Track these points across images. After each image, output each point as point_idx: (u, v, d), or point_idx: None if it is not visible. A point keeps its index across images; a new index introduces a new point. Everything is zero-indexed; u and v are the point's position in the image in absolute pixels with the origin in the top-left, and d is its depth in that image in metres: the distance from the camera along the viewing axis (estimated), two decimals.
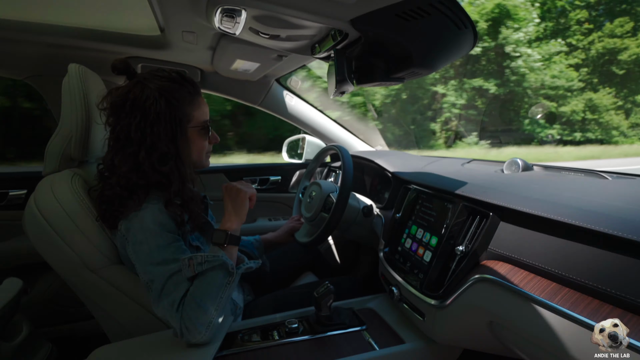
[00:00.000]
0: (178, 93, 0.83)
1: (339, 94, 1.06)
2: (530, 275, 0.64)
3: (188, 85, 0.86)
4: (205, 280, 0.75)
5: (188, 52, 1.36)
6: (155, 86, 0.81)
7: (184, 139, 0.84)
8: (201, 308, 0.73)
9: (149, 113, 0.79)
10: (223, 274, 0.78)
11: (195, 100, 0.87)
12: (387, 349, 0.84)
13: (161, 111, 0.80)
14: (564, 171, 1.00)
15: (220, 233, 0.84)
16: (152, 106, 0.79)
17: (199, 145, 0.89)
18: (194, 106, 0.86)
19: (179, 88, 0.83)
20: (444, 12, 0.77)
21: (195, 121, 0.87)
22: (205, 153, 0.93)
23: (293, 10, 0.81)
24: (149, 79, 0.82)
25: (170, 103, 0.81)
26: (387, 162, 1.38)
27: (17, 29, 1.13)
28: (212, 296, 0.75)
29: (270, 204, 2.00)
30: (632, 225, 0.52)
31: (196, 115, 0.87)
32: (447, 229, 0.84)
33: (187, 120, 0.85)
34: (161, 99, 0.80)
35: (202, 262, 0.75)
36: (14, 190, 1.49)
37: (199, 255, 0.76)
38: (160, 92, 0.80)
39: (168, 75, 0.84)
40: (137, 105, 0.79)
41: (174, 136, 0.82)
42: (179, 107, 0.82)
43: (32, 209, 0.83)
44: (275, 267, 1.31)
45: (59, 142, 0.89)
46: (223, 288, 0.77)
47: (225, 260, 0.78)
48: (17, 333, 1.06)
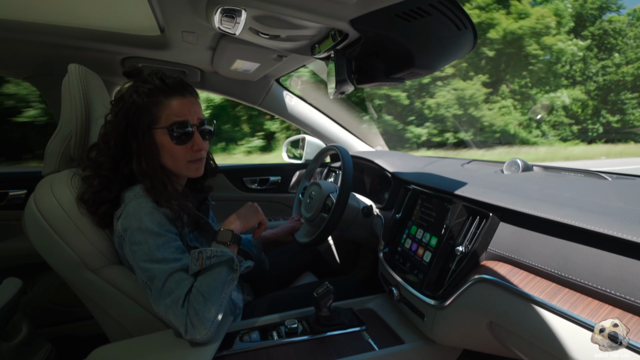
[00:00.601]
0: (146, 93, 0.82)
1: (339, 94, 1.06)
2: (530, 276, 0.64)
3: (160, 84, 0.83)
4: (211, 275, 0.77)
5: (188, 52, 1.36)
6: (132, 86, 0.84)
7: (149, 141, 0.83)
8: (208, 302, 0.74)
9: (120, 111, 0.82)
10: (227, 270, 0.79)
11: (164, 100, 0.82)
12: (386, 349, 0.84)
13: (128, 111, 0.82)
14: (563, 171, 1.00)
15: (227, 232, 0.86)
16: (122, 105, 0.82)
17: (170, 149, 0.84)
18: (161, 106, 0.82)
19: (148, 88, 0.82)
20: (444, 13, 0.77)
21: (162, 123, 0.83)
22: (187, 161, 0.87)
23: (293, 11, 0.81)
24: (136, 80, 0.85)
25: (135, 103, 0.82)
26: (387, 163, 1.38)
27: (17, 29, 1.13)
28: (218, 291, 0.77)
29: (270, 204, 2.00)
30: (632, 226, 0.52)
31: (164, 116, 0.83)
32: (447, 229, 0.84)
33: (151, 121, 0.83)
34: (130, 99, 0.82)
35: (211, 256, 0.78)
36: (14, 190, 1.49)
37: (209, 249, 0.78)
38: (131, 92, 0.82)
39: (147, 77, 0.85)
40: (115, 103, 0.84)
41: (135, 136, 0.83)
42: (144, 107, 0.82)
43: (32, 209, 0.83)
44: (275, 267, 1.31)
45: (58, 142, 0.89)
46: (227, 284, 0.79)
47: (232, 255, 0.81)
48: (16, 333, 1.06)
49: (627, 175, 0.87)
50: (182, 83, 0.86)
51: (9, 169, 1.60)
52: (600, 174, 0.91)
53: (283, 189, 2.03)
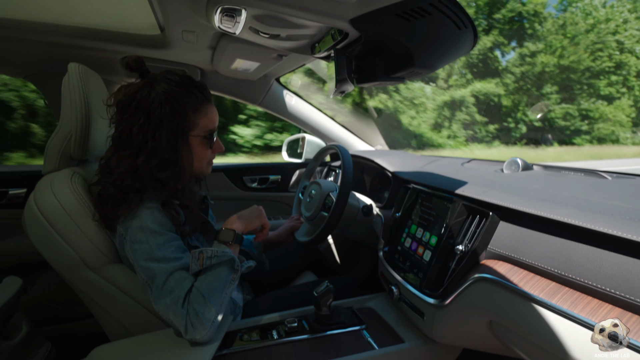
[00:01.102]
0: (184, 99, 0.81)
1: (339, 93, 1.06)
2: (529, 275, 0.65)
3: (196, 91, 0.83)
4: (211, 275, 0.77)
5: (188, 52, 1.36)
6: (163, 89, 0.79)
7: (185, 147, 0.83)
8: (208, 302, 0.74)
9: (152, 117, 0.78)
10: (228, 270, 0.79)
11: (203, 107, 0.85)
12: (386, 348, 0.84)
13: (165, 116, 0.79)
14: (563, 171, 1.00)
15: (229, 232, 0.85)
16: (157, 110, 0.78)
17: (200, 154, 0.88)
18: (199, 114, 0.84)
19: (186, 94, 0.81)
20: (444, 12, 0.77)
21: (200, 130, 0.85)
22: (207, 162, 0.92)
23: (293, 10, 0.81)
24: (158, 80, 0.81)
25: (174, 109, 0.80)
26: (387, 162, 1.38)
27: (17, 28, 1.13)
28: (218, 291, 0.76)
29: (270, 203, 2.00)
30: (632, 225, 0.52)
31: (201, 123, 0.85)
32: (447, 228, 0.84)
33: (190, 128, 0.83)
34: (167, 104, 0.79)
35: (212, 256, 0.77)
36: (14, 189, 1.49)
37: (209, 249, 0.78)
38: (167, 97, 0.79)
39: (178, 80, 0.82)
40: (142, 107, 0.79)
41: (175, 143, 0.81)
42: (183, 113, 0.81)
43: (32, 207, 0.83)
44: (275, 266, 1.31)
45: (58, 141, 0.89)
46: (228, 284, 0.78)
47: (233, 256, 0.80)
48: (16, 332, 1.06)
49: (627, 175, 0.88)
50: (208, 90, 0.88)
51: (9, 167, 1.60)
52: (600, 173, 0.91)
53: (283, 188, 2.03)
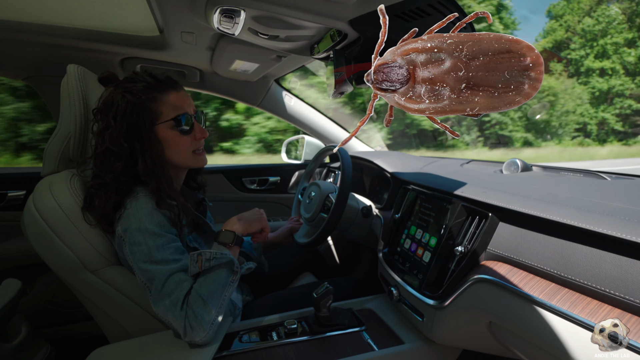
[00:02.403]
0: (140, 92, 0.82)
1: (338, 94, 1.06)
2: (529, 276, 0.65)
3: (153, 81, 0.84)
4: (210, 277, 0.76)
5: (187, 53, 1.36)
6: (121, 88, 0.82)
7: (154, 138, 0.83)
8: (207, 305, 0.74)
9: (115, 115, 0.80)
10: (227, 272, 0.79)
11: (162, 96, 0.84)
12: (386, 350, 0.84)
13: (125, 113, 0.80)
14: (562, 171, 1.00)
15: (229, 233, 0.85)
16: (116, 108, 0.80)
17: (175, 143, 0.86)
18: (160, 102, 0.83)
19: (142, 87, 0.82)
20: (443, 13, 0.77)
21: (165, 117, 0.84)
22: (192, 151, 0.89)
23: (292, 11, 0.81)
24: (121, 83, 0.83)
25: (130, 102, 0.80)
26: (386, 163, 1.38)
27: (16, 30, 1.13)
28: (217, 293, 0.76)
29: (269, 205, 1.99)
30: (631, 225, 0.52)
31: (165, 111, 0.84)
32: (446, 229, 0.84)
33: (155, 118, 0.83)
34: (123, 100, 0.80)
35: (211, 258, 0.77)
36: (13, 191, 1.49)
37: (208, 251, 0.77)
38: (123, 94, 0.81)
39: (135, 77, 0.84)
40: (105, 110, 0.81)
41: (141, 136, 0.81)
42: (142, 106, 0.81)
43: (31, 209, 0.83)
44: (275, 268, 1.31)
45: (57, 143, 0.89)
46: (227, 286, 0.78)
47: (232, 257, 0.79)
48: (15, 334, 1.06)
49: (627, 175, 0.88)
50: (172, 78, 0.88)
51: (8, 169, 1.60)
52: (599, 174, 0.91)
53: (282, 189, 2.03)
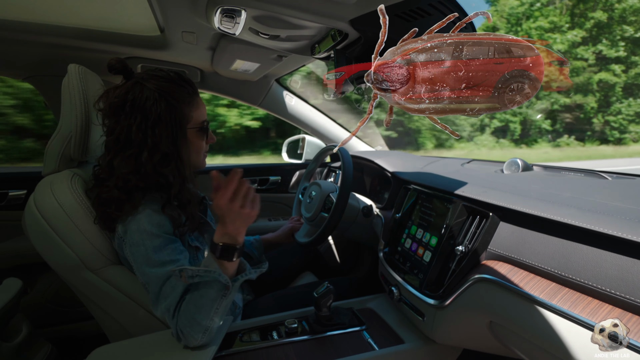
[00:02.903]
0: (177, 93, 0.82)
1: (338, 94, 1.06)
2: (530, 276, 0.65)
3: (187, 85, 0.85)
4: (198, 293, 0.73)
5: (188, 53, 1.36)
6: (154, 86, 0.80)
7: (183, 140, 0.84)
8: (195, 320, 0.72)
9: (149, 114, 0.78)
10: (217, 288, 0.73)
11: (194, 100, 0.86)
12: (386, 349, 0.84)
13: (162, 112, 0.79)
14: (563, 171, 1.00)
15: (214, 246, 0.75)
16: (153, 107, 0.78)
17: (197, 146, 0.89)
18: (192, 107, 0.86)
19: (178, 88, 0.83)
20: (444, 13, 0.77)
21: (194, 122, 0.86)
22: (203, 153, 0.93)
23: (293, 11, 0.81)
24: (147, 79, 0.81)
25: (170, 104, 0.80)
26: (387, 162, 1.38)
27: (17, 30, 1.13)
28: (205, 309, 0.72)
29: (270, 204, 2.00)
30: (632, 225, 0.52)
31: (195, 115, 0.86)
32: (447, 229, 0.84)
33: (186, 121, 0.84)
34: (161, 100, 0.79)
35: (193, 275, 0.71)
36: (14, 190, 1.49)
37: (189, 268, 0.71)
38: (160, 93, 0.80)
39: (166, 76, 0.83)
40: (137, 106, 0.78)
41: (174, 137, 0.81)
42: (178, 107, 0.82)
43: (32, 209, 0.83)
44: (275, 267, 1.31)
45: (58, 143, 0.89)
46: (218, 300, 0.73)
47: (216, 277, 0.72)
48: (16, 333, 1.06)
49: (627, 175, 0.88)
50: (194, 83, 0.90)
51: (8, 169, 1.60)
52: (600, 173, 0.91)
53: (283, 189, 2.03)
